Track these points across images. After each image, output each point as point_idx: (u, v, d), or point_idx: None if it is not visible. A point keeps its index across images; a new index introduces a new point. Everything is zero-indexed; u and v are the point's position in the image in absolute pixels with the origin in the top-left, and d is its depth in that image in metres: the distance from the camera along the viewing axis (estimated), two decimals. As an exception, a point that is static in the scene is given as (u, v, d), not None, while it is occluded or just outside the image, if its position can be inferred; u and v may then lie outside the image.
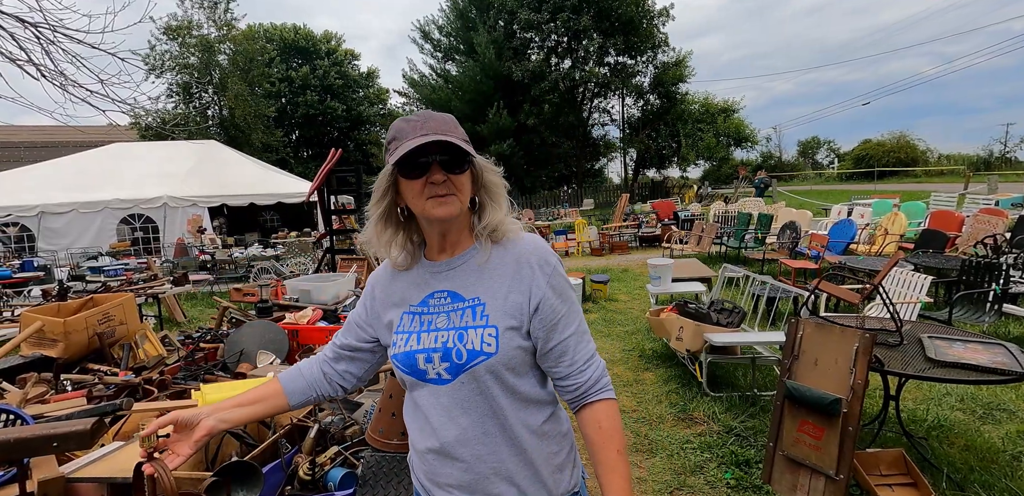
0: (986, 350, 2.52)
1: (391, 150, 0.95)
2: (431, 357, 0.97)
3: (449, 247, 1.03)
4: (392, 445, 1.43)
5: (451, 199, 0.93)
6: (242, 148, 18.99)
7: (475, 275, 1.00)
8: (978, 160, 27.55)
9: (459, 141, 0.92)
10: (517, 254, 0.99)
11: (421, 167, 0.93)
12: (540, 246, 1.02)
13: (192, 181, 12.63)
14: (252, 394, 1.10)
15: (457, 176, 0.94)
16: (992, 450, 2.76)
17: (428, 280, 1.03)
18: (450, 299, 1.00)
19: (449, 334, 0.97)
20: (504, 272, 0.98)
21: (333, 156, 4.89)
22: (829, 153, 40.87)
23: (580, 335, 0.99)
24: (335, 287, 3.70)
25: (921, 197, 11.82)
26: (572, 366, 0.97)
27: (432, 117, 0.95)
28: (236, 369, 2.79)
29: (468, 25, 23.81)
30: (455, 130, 0.95)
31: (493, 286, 0.98)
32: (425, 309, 1.02)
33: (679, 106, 25.00)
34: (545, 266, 0.98)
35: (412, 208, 0.98)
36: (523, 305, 0.96)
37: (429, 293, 1.03)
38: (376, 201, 1.00)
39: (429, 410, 0.99)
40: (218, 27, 22.32)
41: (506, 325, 0.95)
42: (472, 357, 0.94)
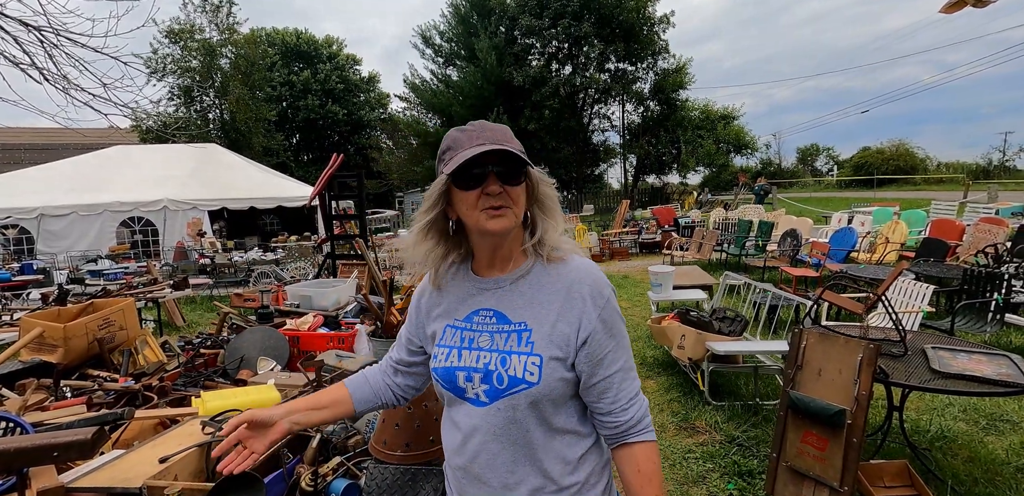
0: (990, 361, 2.51)
1: (445, 160, 0.93)
2: (471, 376, 0.95)
3: (499, 263, 0.99)
4: (395, 457, 1.42)
5: (506, 212, 0.90)
6: (243, 151, 19.03)
7: (523, 298, 0.96)
8: (977, 168, 27.67)
9: (516, 151, 0.89)
10: (570, 281, 0.95)
11: (477, 178, 0.90)
12: (594, 274, 0.96)
13: (192, 184, 12.64)
14: (323, 398, 1.12)
15: (513, 188, 0.91)
16: (996, 462, 2.75)
17: (474, 296, 1.00)
18: (495, 319, 0.97)
19: (492, 356, 0.94)
20: (554, 299, 0.94)
21: (335, 161, 4.89)
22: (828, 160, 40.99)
23: (626, 372, 0.96)
24: (336, 293, 3.68)
25: (920, 205, 11.84)
26: (614, 404, 0.94)
27: (488, 127, 0.93)
28: (236, 375, 2.77)
29: (469, 31, 23.95)
30: (511, 140, 0.92)
31: (541, 312, 0.94)
32: (469, 325, 0.99)
33: (679, 112, 25.10)
34: (598, 298, 0.94)
35: (465, 220, 0.94)
36: (570, 336, 0.92)
37: (474, 310, 1.00)
38: (425, 210, 0.97)
39: (464, 429, 0.97)
40: (220, 31, 22.43)
41: (551, 355, 0.91)
42: (513, 384, 0.91)
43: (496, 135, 0.91)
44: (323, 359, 2.65)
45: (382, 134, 32.41)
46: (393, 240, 9.89)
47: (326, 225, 4.99)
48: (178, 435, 1.91)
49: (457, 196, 0.93)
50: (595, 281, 0.95)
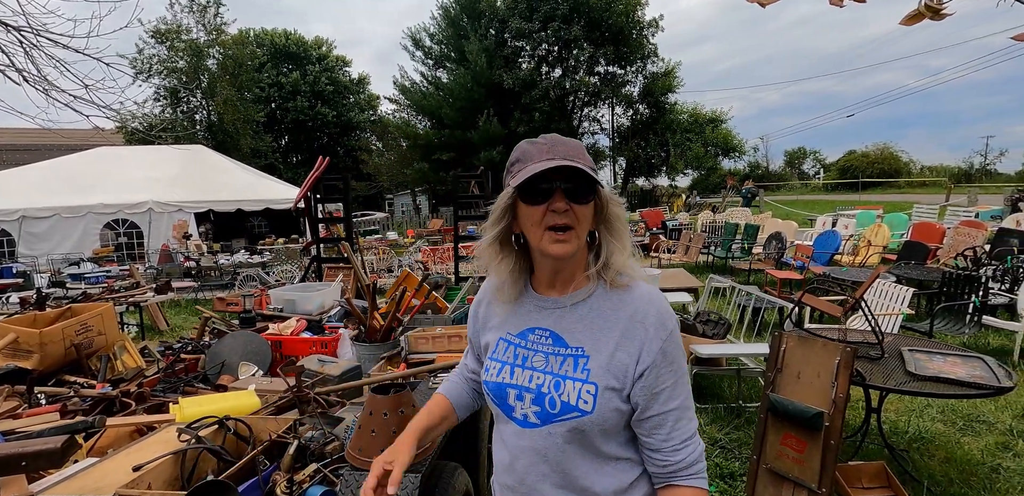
0: (965, 363, 2.56)
1: (513, 172, 0.90)
2: (522, 395, 0.93)
3: (560, 284, 0.96)
4: (371, 464, 1.41)
5: (569, 236, 0.87)
6: (230, 153, 18.86)
7: (582, 322, 0.93)
8: (959, 172, 28.19)
9: (587, 168, 0.86)
10: (633, 310, 0.91)
11: (543, 193, 0.87)
12: (660, 305, 0.92)
13: (178, 186, 12.51)
14: (435, 413, 1.16)
15: (581, 206, 0.87)
16: (971, 462, 2.79)
17: (532, 313, 0.98)
18: (551, 341, 0.95)
19: (546, 379, 0.92)
20: (614, 326, 0.91)
21: (320, 164, 4.87)
22: (815, 163, 41.54)
23: (682, 411, 0.91)
24: (320, 297, 3.67)
25: (904, 208, 12.03)
26: (666, 442, 0.90)
27: (560, 141, 0.90)
28: (217, 381, 2.75)
29: (460, 33, 23.98)
30: (583, 157, 0.89)
31: (600, 339, 0.91)
32: (523, 342, 0.97)
33: (668, 116, 25.31)
34: (661, 330, 0.89)
35: (528, 237, 0.91)
36: (629, 367, 0.89)
37: (530, 327, 0.98)
38: (493, 223, 0.94)
39: (513, 449, 0.96)
40: (207, 31, 22.24)
41: (607, 384, 0.88)
42: (565, 410, 0.89)
43: (568, 150, 0.88)
44: (303, 364, 2.63)
45: (372, 136, 32.30)
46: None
47: (312, 228, 4.96)
48: (154, 443, 1.89)
49: (522, 210, 0.90)
50: (660, 312, 0.91)
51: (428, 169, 22.89)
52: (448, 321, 3.24)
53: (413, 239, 13.65)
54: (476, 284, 4.86)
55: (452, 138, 22.66)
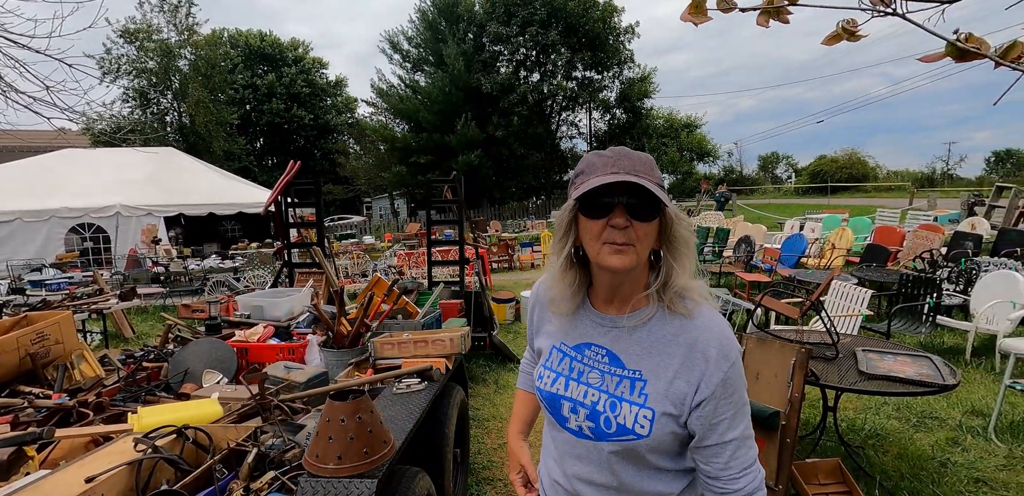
0: (913, 362, 2.67)
1: (576, 184, 0.88)
2: (577, 409, 0.94)
3: (618, 302, 0.94)
4: (327, 470, 1.42)
5: (628, 249, 0.84)
6: (202, 156, 18.49)
7: (640, 345, 0.91)
8: (922, 177, 29.24)
9: (652, 185, 0.83)
10: (694, 339, 0.88)
11: (604, 207, 0.85)
12: (723, 334, 0.89)
13: (147, 189, 12.22)
14: (530, 408, 1.23)
15: (642, 224, 0.85)
16: (922, 457, 2.91)
17: (588, 328, 0.97)
18: (608, 360, 0.93)
19: (602, 397, 0.91)
20: (674, 353, 0.88)
21: (291, 168, 4.82)
22: (788, 168, 42.60)
23: (742, 441, 0.89)
24: (289, 303, 3.63)
25: (869, 212, 12.42)
26: (724, 471, 0.88)
27: (627, 155, 0.87)
28: (180, 389, 2.71)
29: (438, 37, 23.98)
30: (650, 172, 0.86)
31: (659, 365, 0.89)
32: (579, 357, 0.96)
33: (644, 121, 25.68)
34: (723, 361, 0.87)
35: (586, 250, 0.90)
36: (687, 395, 0.87)
37: (586, 342, 0.96)
38: (559, 238, 0.93)
39: (563, 453, 0.99)
40: (179, 31, 21.81)
41: (664, 410, 0.87)
42: (621, 432, 0.89)
43: (634, 164, 0.85)
44: (269, 371, 2.61)
45: (349, 139, 32.02)
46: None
47: (283, 233, 4.91)
48: (109, 453, 1.86)
49: (582, 223, 0.88)
50: (723, 343, 0.88)
51: (406, 172, 22.78)
52: (418, 326, 3.25)
53: (390, 243, 13.56)
54: (446, 288, 4.87)
55: (430, 141, 22.61)
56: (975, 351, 4.49)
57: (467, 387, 3.03)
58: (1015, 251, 6.31)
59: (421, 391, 2.12)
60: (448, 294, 4.79)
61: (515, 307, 6.31)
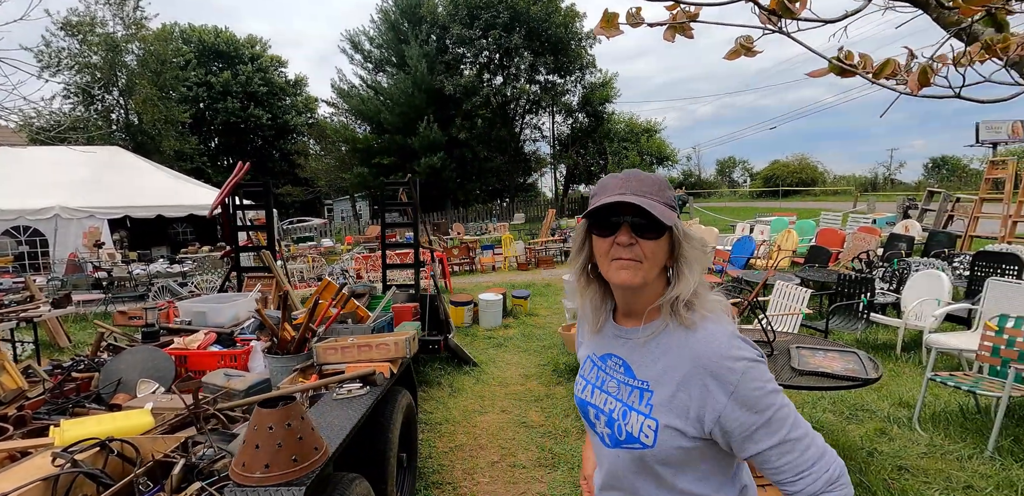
0: (841, 358, 2.82)
1: (591, 205, 0.93)
2: (599, 416, 0.99)
3: (634, 315, 0.98)
4: (253, 479, 1.39)
5: (634, 265, 0.88)
6: (151, 156, 17.70)
7: (650, 356, 0.93)
8: (866, 181, 30.81)
9: (655, 206, 0.87)
10: (694, 353, 0.87)
11: (611, 226, 0.90)
12: (720, 350, 0.86)
13: (90, 190, 11.60)
14: None
15: (648, 242, 0.88)
16: (852, 448, 3.07)
17: (611, 340, 1.01)
18: (623, 370, 0.97)
19: (617, 405, 0.96)
20: (677, 366, 0.89)
21: (240, 169, 4.69)
22: (743, 172, 44.13)
23: (788, 444, 0.84)
24: (234, 308, 3.53)
25: (816, 215, 13.01)
26: (778, 475, 0.86)
27: (636, 177, 0.91)
28: (111, 400, 2.59)
29: (400, 37, 23.77)
30: (659, 193, 0.90)
31: (664, 377, 0.90)
32: (604, 365, 1.02)
33: (606, 125, 26.11)
34: (724, 379, 0.84)
35: (599, 267, 0.95)
36: (691, 409, 0.87)
37: (609, 353, 1.01)
38: (574, 254, 1.00)
39: (599, 457, 1.04)
40: (126, 25, 20.83)
41: (667, 422, 0.88)
42: (630, 440, 0.92)
43: (642, 186, 0.90)
44: (205, 379, 2.53)
45: (309, 140, 31.30)
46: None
47: (231, 236, 4.76)
48: (25, 469, 1.77)
49: (595, 241, 0.94)
50: (719, 358, 0.85)
51: (368, 174, 22.45)
52: (367, 330, 3.21)
53: (350, 246, 13.32)
54: (403, 292, 4.84)
55: (392, 143, 22.36)
56: (905, 346, 4.76)
57: (416, 390, 3.01)
58: (943, 251, 6.74)
59: (363, 396, 2.10)
60: (405, 297, 4.76)
61: (473, 310, 6.31)
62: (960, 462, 2.89)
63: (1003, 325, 3.30)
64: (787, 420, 0.85)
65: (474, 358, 4.91)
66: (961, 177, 25.44)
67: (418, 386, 4.30)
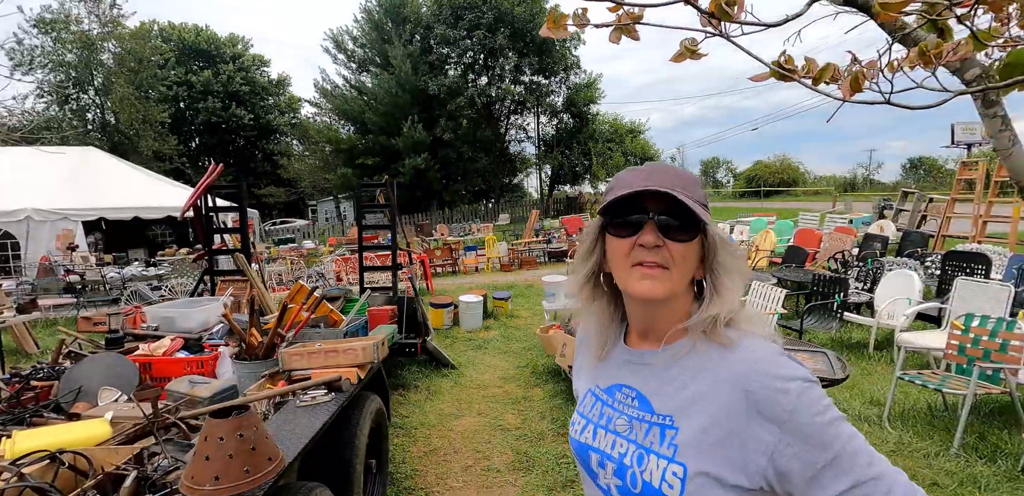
0: (811, 358, 2.84)
1: (604, 200, 0.78)
2: (604, 463, 0.79)
3: (653, 336, 0.80)
4: (203, 491, 1.36)
5: (660, 273, 0.72)
6: (128, 156, 17.36)
7: (673, 384, 0.75)
8: (845, 181, 31.37)
9: (688, 199, 0.71)
10: (734, 375, 0.70)
11: (633, 225, 0.73)
12: (767, 368, 0.69)
13: (64, 192, 11.33)
14: None
15: (678, 244, 0.72)
16: (823, 447, 3.10)
17: (619, 367, 0.83)
18: (637, 403, 0.78)
19: (629, 448, 0.77)
20: (711, 394, 0.71)
21: (213, 170, 4.61)
22: (727, 172, 44.67)
23: (865, 487, 0.65)
24: (203, 313, 3.46)
25: (796, 215, 13.19)
26: None
27: (661, 169, 0.76)
28: (71, 409, 2.52)
29: (383, 37, 23.63)
30: (689, 188, 0.74)
31: (693, 409, 0.72)
32: (610, 400, 0.83)
33: (590, 126, 26.22)
34: (773, 407, 0.66)
35: (613, 274, 0.78)
36: (729, 448, 0.69)
37: (617, 384, 0.83)
38: (580, 259, 0.82)
39: None
40: (101, 23, 20.41)
41: (698, 468, 0.69)
42: (647, 492, 0.72)
43: (667, 178, 0.74)
44: (170, 387, 2.48)
45: (293, 140, 30.98)
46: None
47: (204, 240, 4.68)
48: (-31, 484, 1.71)
49: (610, 244, 0.77)
50: (766, 379, 0.68)
51: (352, 175, 22.27)
52: (339, 335, 3.17)
53: (333, 248, 13.19)
54: (382, 295, 4.79)
55: (376, 144, 22.22)
56: (878, 345, 4.84)
57: (387, 395, 2.98)
58: (916, 251, 6.87)
59: (327, 403, 2.07)
60: (383, 300, 4.71)
61: (453, 312, 6.28)
62: (927, 459, 2.93)
63: (969, 324, 3.36)
64: (859, 455, 0.67)
65: (453, 361, 4.88)
66: (937, 177, 26.01)
67: (395, 390, 4.27)
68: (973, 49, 1.11)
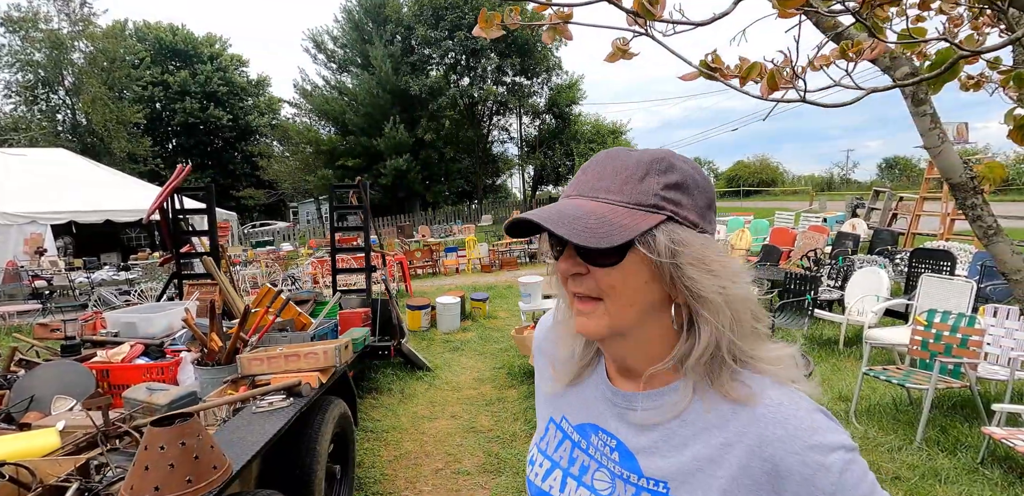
0: (776, 356, 2.87)
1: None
2: None
3: (632, 375, 0.63)
4: (141, 503, 1.32)
5: (592, 308, 0.57)
6: (100, 158, 16.99)
7: (669, 443, 0.59)
8: (822, 181, 31.97)
9: (589, 217, 0.54)
10: (755, 440, 0.54)
11: (554, 249, 0.59)
12: (800, 434, 0.53)
13: (32, 195, 11.04)
14: None
15: (601, 270, 0.55)
16: (790, 443, 3.13)
17: (598, 404, 0.66)
18: (618, 455, 0.63)
19: None
20: (721, 462, 0.56)
21: (179, 172, 4.51)
22: (709, 172, 45.21)
23: None
24: (167, 318, 3.38)
25: (773, 214, 13.39)
26: None
27: (612, 157, 0.59)
28: (22, 419, 2.44)
29: (364, 38, 23.47)
30: (625, 187, 0.56)
31: (696, 478, 0.57)
32: (583, 442, 0.67)
33: (572, 126, 26.35)
34: (808, 484, 0.52)
35: None
36: None
37: (592, 424, 0.67)
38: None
39: None
40: (72, 22, 19.93)
41: None
42: None
43: (603, 177, 0.57)
44: (123, 395, 2.41)
45: (273, 141, 30.59)
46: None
47: (170, 243, 4.58)
48: (-99, 499, 1.64)
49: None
50: (799, 450, 0.52)
51: (333, 176, 22.06)
52: (307, 338, 3.12)
53: (312, 250, 13.03)
54: (356, 297, 4.74)
55: (358, 145, 22.05)
56: (848, 341, 4.91)
57: (354, 399, 2.94)
58: (886, 249, 7.01)
59: (285, 408, 2.03)
60: (357, 303, 4.66)
61: (431, 314, 6.23)
62: (891, 453, 2.98)
63: (931, 320, 3.43)
64: None
65: (428, 362, 4.85)
66: (910, 176, 26.63)
67: (367, 393, 4.22)
68: (904, 49, 1.13)
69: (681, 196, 0.56)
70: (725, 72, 0.89)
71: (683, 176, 0.57)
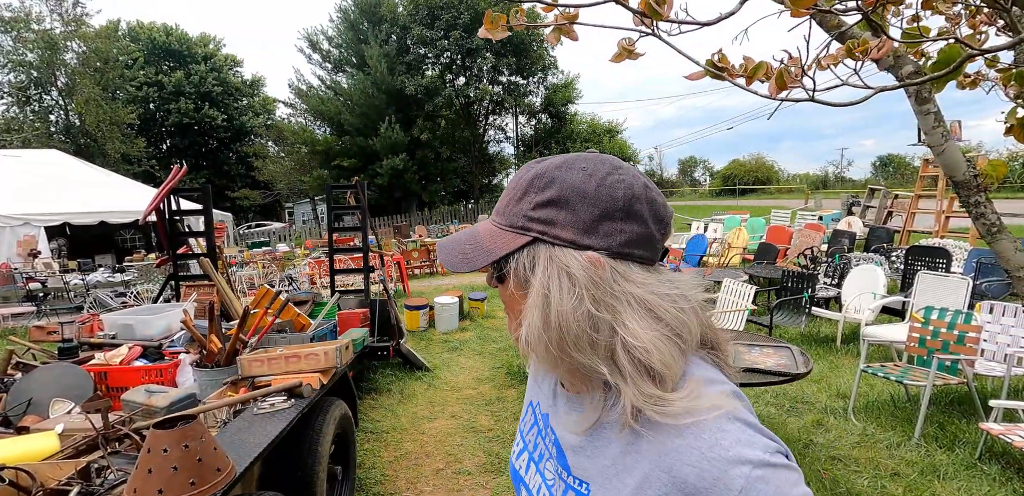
0: (776, 353, 2.88)
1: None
2: None
3: (567, 383, 0.64)
4: (144, 506, 1.31)
5: (510, 320, 0.62)
6: (94, 159, 16.89)
7: (593, 444, 0.58)
8: (817, 179, 32.10)
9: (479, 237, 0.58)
10: (655, 450, 0.52)
11: None
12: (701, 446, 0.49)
13: (25, 196, 10.96)
14: None
15: (500, 288, 0.62)
16: (789, 440, 3.15)
17: (553, 400, 0.68)
18: (556, 451, 0.63)
19: None
20: (631, 468, 0.53)
21: (175, 173, 4.49)
22: (704, 171, 45.28)
23: None
24: (165, 320, 3.36)
25: (769, 213, 13.44)
26: None
27: (512, 178, 0.61)
28: (20, 423, 2.42)
29: (359, 37, 23.39)
30: (517, 203, 0.57)
31: (611, 484, 0.55)
32: (544, 430, 0.68)
33: (568, 126, 26.35)
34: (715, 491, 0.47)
35: None
36: None
37: (546, 415, 0.68)
38: None
39: None
40: (64, 22, 19.78)
41: None
42: None
43: (501, 201, 0.61)
44: (122, 397, 2.40)
45: (268, 141, 30.47)
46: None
47: (167, 244, 4.55)
48: (-101, 504, 1.62)
49: None
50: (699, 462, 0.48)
51: (328, 176, 21.99)
52: (306, 339, 3.11)
53: (309, 251, 12.99)
54: (354, 297, 4.72)
55: (353, 145, 21.97)
56: (846, 338, 4.94)
57: (355, 400, 2.93)
58: (882, 247, 7.04)
59: (286, 410, 2.02)
60: (355, 303, 4.65)
61: (429, 314, 6.23)
62: (889, 450, 3.00)
63: (928, 316, 3.45)
64: None
65: (427, 363, 4.84)
66: (904, 174, 26.77)
67: (367, 394, 4.21)
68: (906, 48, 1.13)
69: (556, 213, 0.55)
70: (732, 71, 0.89)
71: (562, 191, 0.55)
